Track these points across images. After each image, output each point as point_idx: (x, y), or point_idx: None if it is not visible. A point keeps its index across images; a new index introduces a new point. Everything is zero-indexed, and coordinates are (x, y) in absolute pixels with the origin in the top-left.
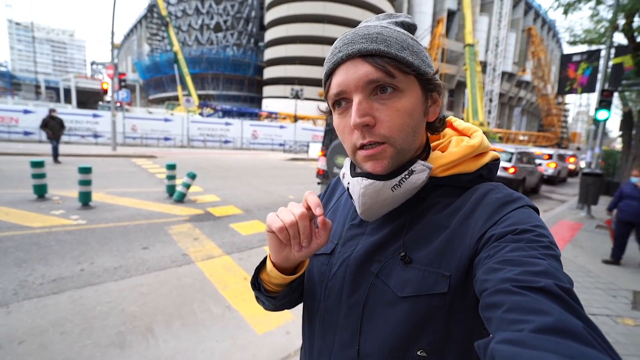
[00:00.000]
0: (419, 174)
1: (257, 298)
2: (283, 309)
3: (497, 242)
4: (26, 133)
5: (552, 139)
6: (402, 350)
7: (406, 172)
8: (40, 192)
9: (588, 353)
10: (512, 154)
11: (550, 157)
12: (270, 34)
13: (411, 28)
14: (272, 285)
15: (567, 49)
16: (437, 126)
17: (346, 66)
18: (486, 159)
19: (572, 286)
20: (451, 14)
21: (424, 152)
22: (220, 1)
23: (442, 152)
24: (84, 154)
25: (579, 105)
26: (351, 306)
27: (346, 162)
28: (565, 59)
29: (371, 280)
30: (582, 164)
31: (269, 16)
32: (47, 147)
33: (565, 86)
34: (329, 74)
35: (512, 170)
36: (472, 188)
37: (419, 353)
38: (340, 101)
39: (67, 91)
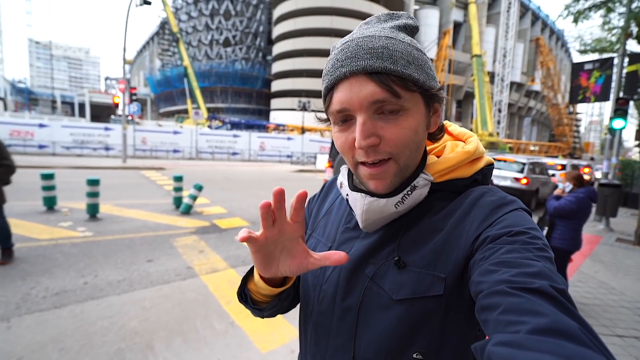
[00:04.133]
0: (422, 189)
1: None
2: (273, 316)
3: (492, 243)
4: (41, 146)
5: (564, 149)
6: (399, 353)
7: (409, 189)
8: (50, 204)
9: (583, 353)
10: (524, 164)
11: (563, 167)
12: (278, 48)
13: (414, 31)
14: (260, 296)
15: (578, 58)
16: (436, 135)
17: (349, 83)
18: (481, 164)
19: (566, 287)
20: (458, 26)
21: (423, 160)
22: (229, 17)
23: (438, 156)
24: (95, 166)
25: (591, 115)
26: (345, 310)
27: (343, 171)
28: (577, 68)
29: (365, 284)
30: (597, 175)
31: (277, 30)
32: (63, 160)
33: (577, 95)
34: (330, 88)
35: (524, 181)
36: (466, 191)
37: (415, 356)
38: (342, 118)
39: (82, 105)
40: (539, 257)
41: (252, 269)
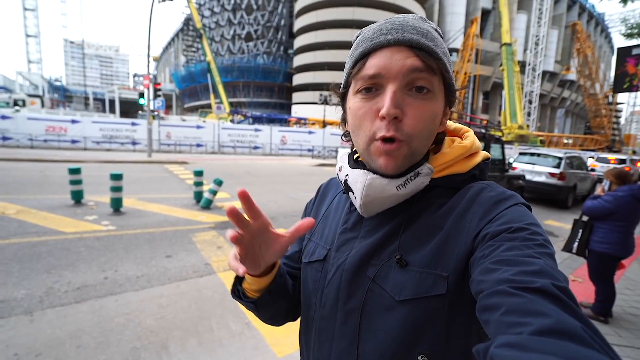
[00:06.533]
0: (424, 177)
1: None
2: (281, 322)
3: (491, 240)
4: (73, 141)
5: (601, 141)
6: (403, 356)
7: (412, 174)
8: (77, 197)
9: (587, 354)
10: (560, 158)
11: (622, 162)
12: (299, 41)
13: (442, 37)
14: (253, 292)
15: (621, 43)
16: (440, 138)
17: (391, 51)
18: (478, 158)
19: (567, 284)
20: (486, 13)
21: (426, 154)
22: (251, 11)
23: (434, 153)
24: (122, 160)
25: (633, 105)
26: (348, 313)
27: (342, 156)
28: (623, 53)
29: (368, 285)
30: None
31: (298, 24)
32: (92, 155)
33: (623, 83)
34: (367, 53)
35: (560, 176)
36: (464, 187)
37: (420, 358)
38: (370, 85)
39: (112, 102)
40: (540, 253)
41: None
